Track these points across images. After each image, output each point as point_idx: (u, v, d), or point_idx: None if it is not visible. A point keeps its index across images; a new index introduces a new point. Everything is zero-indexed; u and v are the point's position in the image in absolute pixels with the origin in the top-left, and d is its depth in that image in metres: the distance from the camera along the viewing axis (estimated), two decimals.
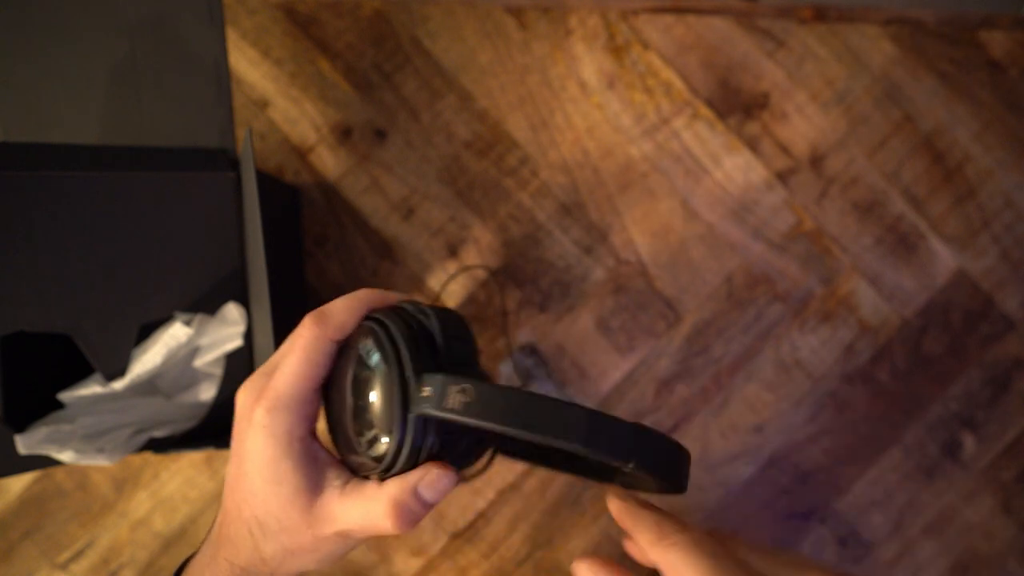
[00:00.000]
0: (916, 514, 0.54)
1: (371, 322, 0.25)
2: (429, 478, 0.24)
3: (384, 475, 0.25)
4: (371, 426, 0.24)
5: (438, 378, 0.23)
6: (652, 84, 0.53)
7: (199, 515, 0.52)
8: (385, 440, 0.24)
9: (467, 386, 0.22)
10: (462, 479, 0.26)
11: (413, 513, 0.24)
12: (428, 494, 0.24)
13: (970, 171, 0.54)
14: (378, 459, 0.25)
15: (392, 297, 0.27)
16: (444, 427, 0.24)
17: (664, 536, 0.28)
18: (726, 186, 0.53)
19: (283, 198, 0.50)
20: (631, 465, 0.22)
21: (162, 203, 0.42)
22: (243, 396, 0.27)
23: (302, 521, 0.25)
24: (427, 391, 0.23)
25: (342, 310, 0.26)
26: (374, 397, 0.24)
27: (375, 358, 0.24)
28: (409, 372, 0.24)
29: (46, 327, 0.41)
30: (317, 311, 0.26)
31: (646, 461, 0.23)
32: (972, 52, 0.54)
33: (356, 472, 0.26)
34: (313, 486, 0.25)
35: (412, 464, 0.25)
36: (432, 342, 0.25)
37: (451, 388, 0.23)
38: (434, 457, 0.25)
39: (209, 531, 0.30)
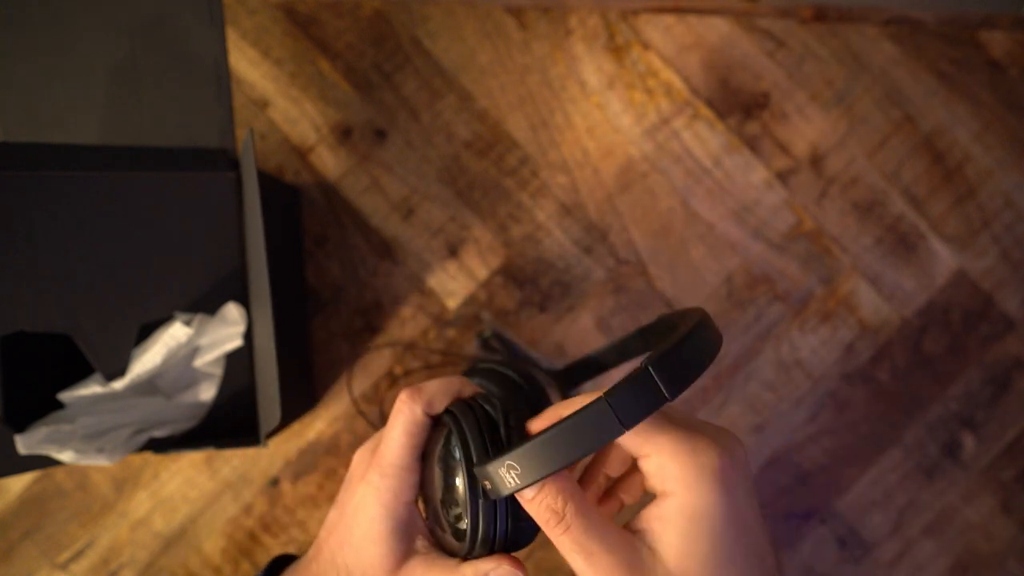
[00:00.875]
0: (916, 514, 0.54)
1: (449, 415, 0.29)
2: (499, 572, 0.27)
3: (465, 556, 0.28)
4: (456, 504, 0.28)
5: (491, 465, 0.25)
6: (652, 84, 0.53)
7: (199, 515, 0.52)
8: (465, 521, 0.27)
9: (510, 461, 0.24)
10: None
11: None
12: None
13: (970, 171, 0.54)
14: (459, 536, 0.28)
15: (473, 388, 0.30)
16: (516, 506, 0.27)
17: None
18: (726, 186, 0.53)
19: (283, 198, 0.50)
20: (674, 395, 0.23)
21: (162, 203, 0.42)
22: (359, 455, 0.31)
23: None
24: (486, 482, 0.26)
25: (435, 391, 0.29)
26: (457, 482, 0.28)
27: (456, 450, 0.27)
28: (474, 463, 0.27)
29: (46, 327, 0.41)
30: (414, 388, 0.29)
31: (678, 382, 0.23)
32: (972, 52, 0.54)
33: (440, 542, 0.29)
34: (403, 551, 0.28)
35: (487, 547, 0.27)
36: (497, 430, 0.28)
37: (501, 471, 0.25)
38: (509, 537, 0.27)
39: (302, 557, 0.33)
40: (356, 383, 0.52)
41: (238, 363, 0.45)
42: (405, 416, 0.28)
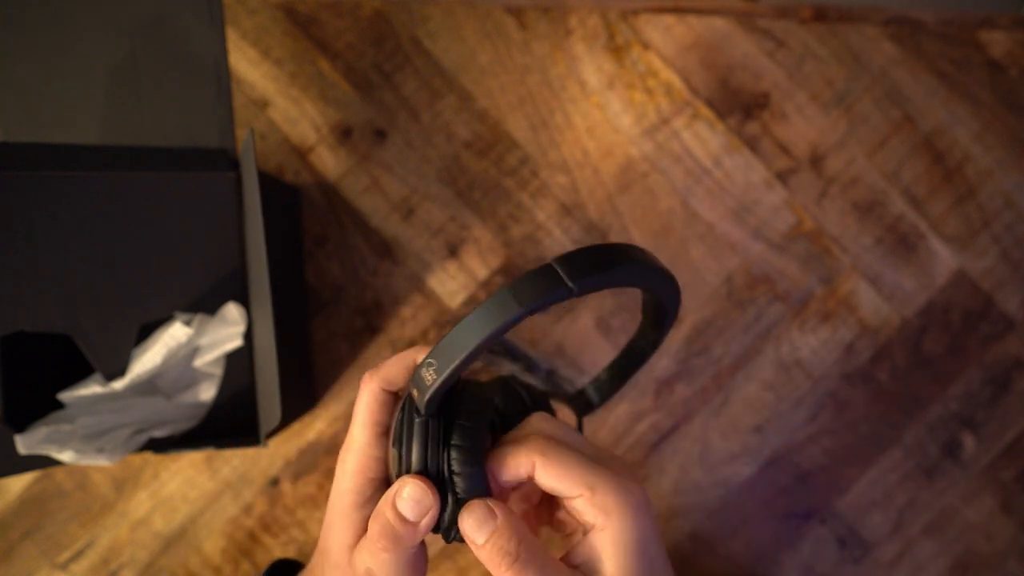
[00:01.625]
0: (916, 514, 0.54)
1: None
2: (406, 490, 0.26)
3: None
4: (398, 456, 0.27)
5: (413, 374, 0.26)
6: (652, 84, 0.53)
7: (199, 515, 0.52)
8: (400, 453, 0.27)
9: (429, 359, 0.25)
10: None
11: (394, 529, 0.25)
12: (405, 508, 0.25)
13: (970, 171, 0.54)
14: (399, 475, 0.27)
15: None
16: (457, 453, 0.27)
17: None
18: (726, 186, 0.53)
19: (283, 198, 0.50)
20: (575, 288, 0.24)
21: (162, 203, 0.42)
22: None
23: (344, 559, 0.28)
24: (414, 391, 0.26)
25: (392, 366, 0.28)
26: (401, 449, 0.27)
27: (406, 408, 0.27)
28: (409, 387, 0.27)
29: (46, 327, 0.41)
30: (373, 368, 0.29)
31: (581, 274, 0.24)
32: (972, 52, 0.54)
33: None
34: (362, 526, 0.28)
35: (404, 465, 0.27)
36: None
37: (420, 372, 0.25)
38: (441, 472, 0.27)
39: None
40: (356, 383, 0.52)
41: (238, 363, 0.45)
42: (363, 394, 0.28)
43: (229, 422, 0.46)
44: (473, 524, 0.26)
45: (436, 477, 0.26)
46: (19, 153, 0.41)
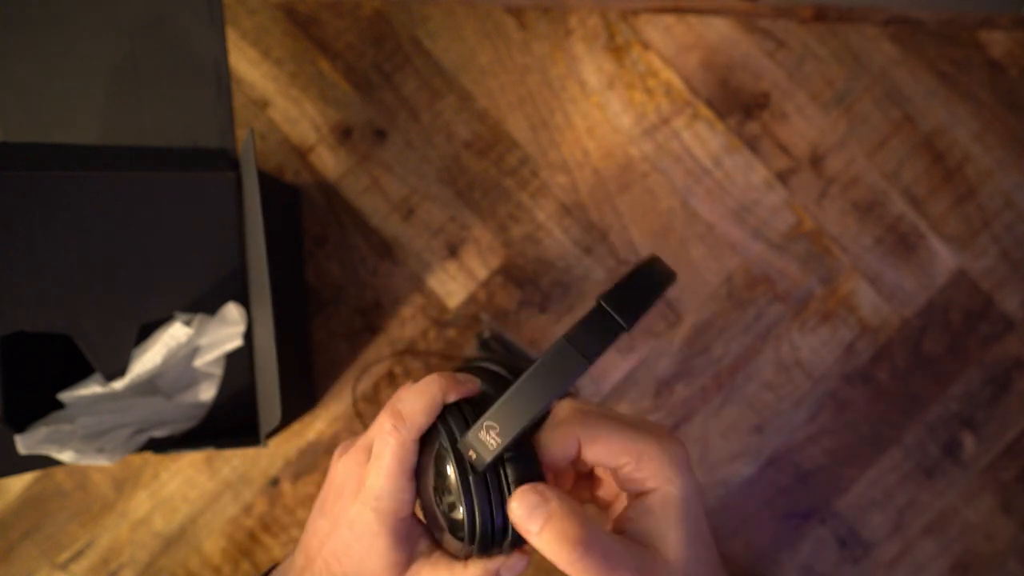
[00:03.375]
0: (916, 514, 0.54)
1: (440, 419, 0.28)
2: (509, 564, 0.27)
3: (467, 550, 0.27)
4: (449, 493, 0.27)
5: (470, 433, 0.26)
6: (652, 84, 0.53)
7: (199, 515, 0.52)
8: (461, 510, 0.27)
9: (488, 422, 0.25)
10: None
11: None
12: (506, 575, 0.28)
13: (970, 171, 0.54)
14: (457, 530, 0.27)
15: (461, 388, 0.29)
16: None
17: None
18: (726, 186, 0.53)
19: (283, 198, 0.50)
20: (630, 324, 0.24)
21: (162, 203, 0.42)
22: (345, 462, 0.30)
23: None
24: (471, 453, 0.26)
25: (419, 414, 0.28)
26: (449, 472, 0.27)
27: (445, 446, 0.27)
28: (460, 446, 0.27)
29: (46, 327, 0.41)
30: (395, 412, 0.28)
31: (631, 310, 0.24)
32: (972, 52, 0.54)
33: (442, 544, 0.29)
34: (406, 559, 0.28)
35: (488, 537, 0.27)
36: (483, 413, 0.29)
37: (480, 435, 0.25)
38: (510, 528, 0.27)
39: (280, 565, 0.33)
40: (357, 383, 0.52)
41: (238, 363, 0.45)
42: (393, 448, 0.28)
43: (229, 422, 0.46)
44: (525, 511, 0.25)
45: (503, 524, 0.27)
46: (19, 153, 0.41)
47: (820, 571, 0.53)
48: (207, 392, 0.45)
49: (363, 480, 0.29)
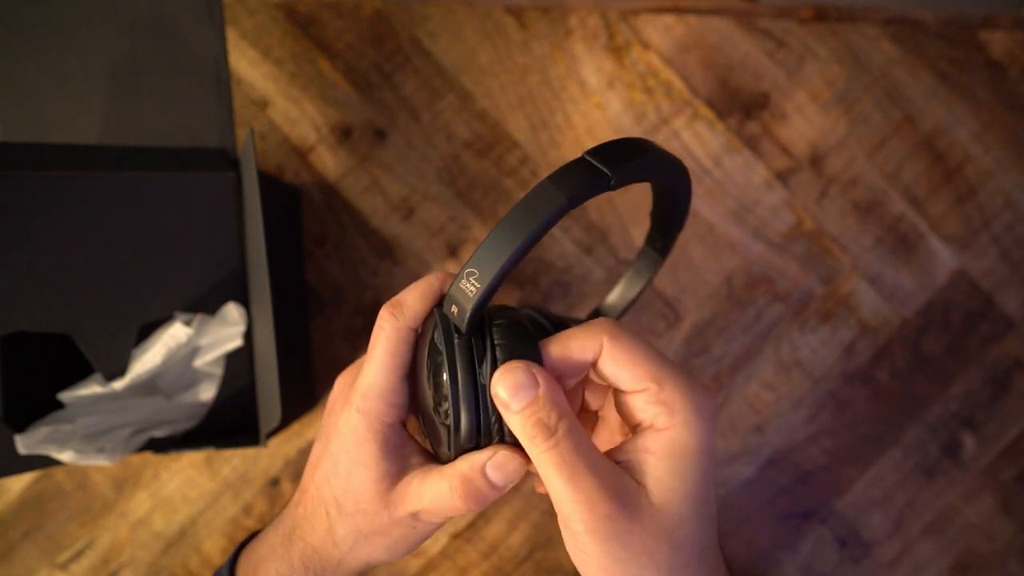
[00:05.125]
0: (916, 514, 0.54)
1: (438, 310, 0.26)
2: (497, 458, 0.24)
3: (455, 440, 0.25)
4: (444, 399, 0.25)
5: (452, 287, 0.24)
6: (652, 84, 0.53)
7: (199, 515, 0.52)
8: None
9: (468, 268, 0.23)
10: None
11: (480, 492, 0.24)
12: (495, 475, 0.24)
13: (970, 171, 0.54)
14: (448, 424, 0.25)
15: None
16: None
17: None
18: (726, 186, 0.53)
19: (283, 198, 0.50)
20: (616, 178, 0.23)
21: (162, 203, 0.42)
22: (340, 380, 0.29)
23: (379, 502, 0.26)
24: (454, 308, 0.24)
25: (416, 299, 0.26)
26: (444, 375, 0.25)
27: (439, 339, 0.25)
28: (444, 305, 0.25)
29: (46, 327, 0.41)
30: (392, 301, 0.26)
31: (617, 163, 0.23)
32: (972, 52, 0.54)
33: (439, 458, 0.27)
34: (396, 471, 0.26)
35: (475, 428, 0.24)
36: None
37: (461, 285, 0.23)
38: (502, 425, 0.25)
39: (284, 509, 0.31)
40: None
41: (238, 363, 0.45)
42: (387, 334, 0.26)
43: (229, 422, 0.46)
44: (510, 387, 0.23)
45: (487, 405, 0.24)
46: (19, 153, 0.41)
47: (820, 571, 0.53)
48: (207, 392, 0.46)
49: (352, 389, 0.27)
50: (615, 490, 0.22)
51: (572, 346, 0.24)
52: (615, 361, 0.24)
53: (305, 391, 0.51)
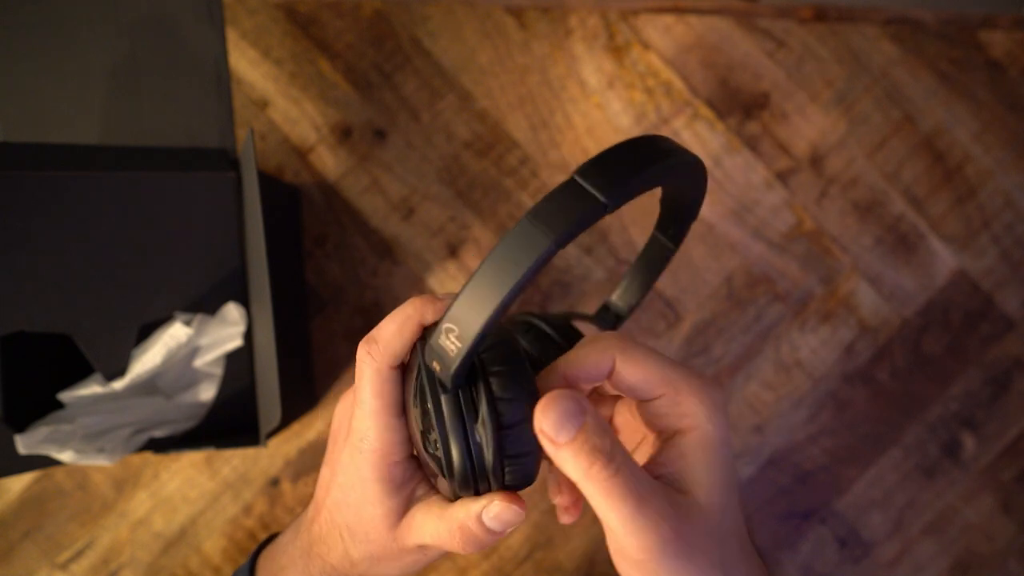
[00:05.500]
0: (916, 514, 0.54)
1: (422, 355, 0.25)
2: (493, 509, 0.24)
3: (450, 487, 0.24)
4: (432, 430, 0.24)
5: (430, 340, 0.22)
6: (652, 84, 0.53)
7: (199, 515, 0.52)
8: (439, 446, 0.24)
9: (446, 325, 0.21)
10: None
11: (479, 539, 0.25)
12: (493, 524, 0.24)
13: (970, 171, 0.54)
14: (443, 469, 0.24)
15: (440, 305, 0.26)
16: (497, 422, 0.23)
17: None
18: (726, 186, 0.53)
19: (283, 198, 0.50)
20: (612, 200, 0.20)
21: (162, 203, 0.42)
22: (342, 405, 0.29)
23: (388, 534, 0.27)
24: (435, 364, 0.22)
25: (392, 336, 0.25)
26: (429, 406, 0.24)
27: (419, 383, 0.24)
28: (426, 359, 0.23)
29: (46, 327, 0.41)
30: (368, 338, 0.26)
31: (613, 183, 0.20)
32: (972, 52, 0.54)
33: (437, 486, 0.27)
34: (401, 505, 0.27)
35: (468, 473, 0.23)
36: None
37: (440, 341, 0.21)
38: (499, 466, 0.24)
39: (298, 518, 0.32)
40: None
41: (238, 363, 0.46)
42: (368, 377, 0.25)
43: (229, 422, 0.46)
44: (557, 419, 0.22)
45: (480, 455, 0.23)
46: (19, 153, 0.41)
47: (820, 571, 0.53)
48: (207, 392, 0.46)
49: (352, 420, 0.27)
50: (672, 508, 0.22)
51: (585, 365, 0.24)
52: (629, 374, 0.24)
53: (305, 391, 0.51)
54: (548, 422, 0.22)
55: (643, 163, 0.21)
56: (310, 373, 0.52)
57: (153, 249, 0.42)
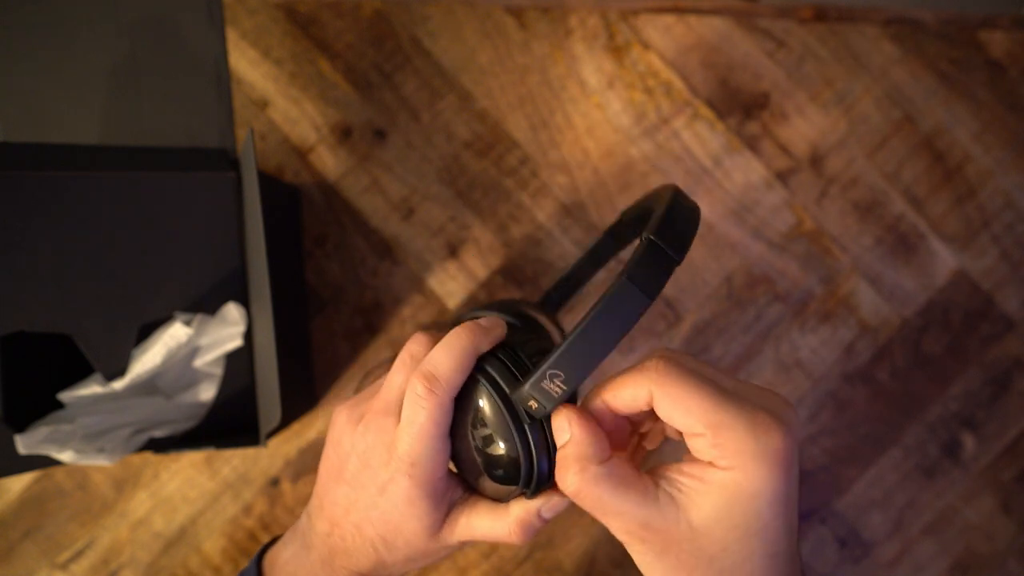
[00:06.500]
0: (916, 514, 0.54)
1: (478, 371, 0.28)
2: (550, 504, 0.27)
3: (524, 488, 0.27)
4: (489, 440, 0.27)
5: (533, 379, 0.25)
6: (652, 84, 0.53)
7: (199, 515, 0.52)
8: (511, 452, 0.27)
9: (552, 370, 0.24)
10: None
11: (535, 528, 0.28)
12: (548, 515, 0.28)
13: (970, 171, 0.54)
14: (505, 478, 0.27)
15: (491, 336, 0.28)
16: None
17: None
18: (726, 186, 0.53)
19: (283, 198, 0.50)
20: (681, 257, 0.24)
21: (162, 203, 0.42)
22: (343, 416, 0.30)
23: (431, 540, 0.29)
24: (532, 403, 0.25)
25: (454, 371, 0.27)
26: (486, 411, 0.27)
27: (488, 408, 0.27)
28: (516, 401, 0.26)
29: (46, 327, 0.41)
30: (427, 374, 0.27)
31: (680, 243, 0.24)
32: (972, 52, 0.54)
33: (481, 490, 0.29)
34: (443, 515, 0.29)
35: (542, 480, 0.27)
36: (522, 362, 0.28)
37: (544, 384, 0.25)
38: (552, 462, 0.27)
39: (297, 528, 0.33)
40: (356, 383, 0.52)
41: (238, 363, 0.45)
42: (429, 411, 0.27)
43: (229, 422, 0.46)
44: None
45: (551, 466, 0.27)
46: (19, 153, 0.41)
47: (820, 571, 0.53)
48: (207, 392, 0.46)
49: (392, 446, 0.28)
50: (648, 505, 0.24)
51: (623, 394, 0.25)
52: (665, 405, 0.24)
53: (305, 391, 0.51)
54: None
55: (693, 222, 0.26)
56: (310, 373, 0.52)
57: (153, 249, 0.42)
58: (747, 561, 0.23)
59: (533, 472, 0.26)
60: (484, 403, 0.27)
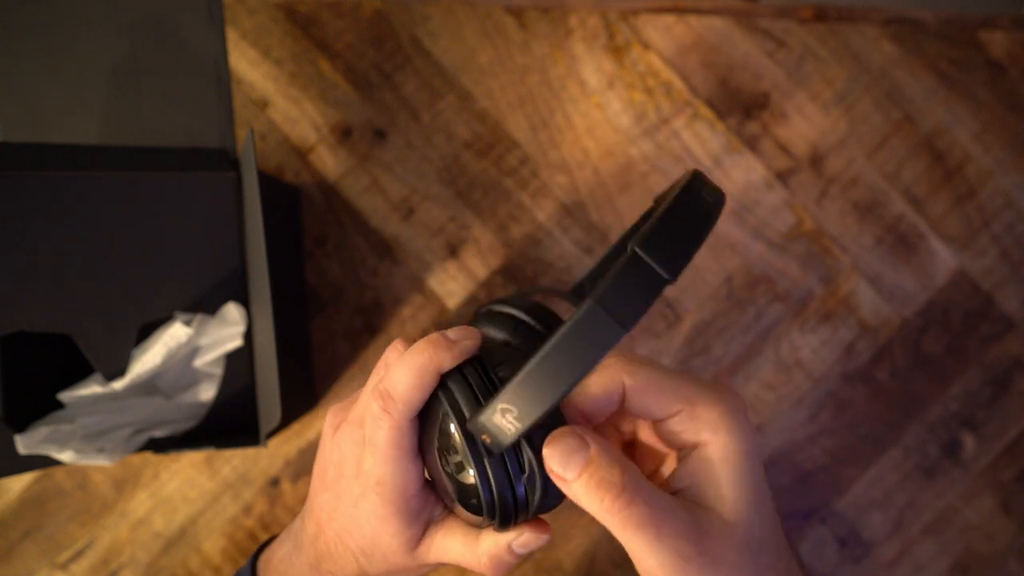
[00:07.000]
0: (916, 514, 0.54)
1: (440, 388, 0.25)
2: (523, 540, 0.26)
3: (489, 520, 0.25)
4: (460, 467, 0.25)
5: (482, 416, 0.22)
6: (652, 84, 0.53)
7: (199, 515, 0.52)
8: (471, 472, 0.24)
9: (502, 405, 0.21)
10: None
11: (507, 564, 0.27)
12: (521, 551, 0.26)
13: (970, 171, 0.54)
14: (472, 508, 0.25)
15: (456, 352, 0.26)
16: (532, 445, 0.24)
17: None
18: (726, 186, 0.53)
19: (283, 198, 0.50)
20: (674, 274, 0.19)
21: (162, 203, 0.42)
22: (333, 417, 0.30)
23: (407, 557, 0.28)
24: (485, 438, 0.23)
25: (410, 390, 0.25)
26: (457, 449, 0.25)
27: (452, 433, 0.25)
28: (471, 427, 0.24)
29: (46, 327, 0.41)
30: (383, 393, 0.25)
31: (675, 258, 0.19)
32: (972, 52, 0.54)
33: (456, 513, 0.28)
34: (419, 532, 0.28)
35: (507, 514, 0.25)
36: (493, 385, 0.25)
37: (495, 419, 0.22)
38: (530, 501, 0.25)
39: (291, 528, 0.33)
40: (356, 383, 0.52)
41: (238, 363, 0.46)
42: (386, 433, 0.25)
43: (229, 422, 0.46)
44: (560, 457, 0.22)
45: (524, 502, 0.25)
46: (19, 153, 0.41)
47: (820, 571, 0.53)
48: (207, 392, 0.46)
49: (361, 460, 0.27)
50: (692, 526, 0.22)
51: (594, 393, 0.24)
52: (640, 396, 0.24)
53: (305, 391, 0.51)
54: (554, 461, 0.23)
55: (701, 225, 0.20)
56: (310, 373, 0.52)
57: (153, 249, 0.42)
58: (767, 523, 0.23)
59: (495, 506, 0.24)
60: (448, 427, 0.25)
